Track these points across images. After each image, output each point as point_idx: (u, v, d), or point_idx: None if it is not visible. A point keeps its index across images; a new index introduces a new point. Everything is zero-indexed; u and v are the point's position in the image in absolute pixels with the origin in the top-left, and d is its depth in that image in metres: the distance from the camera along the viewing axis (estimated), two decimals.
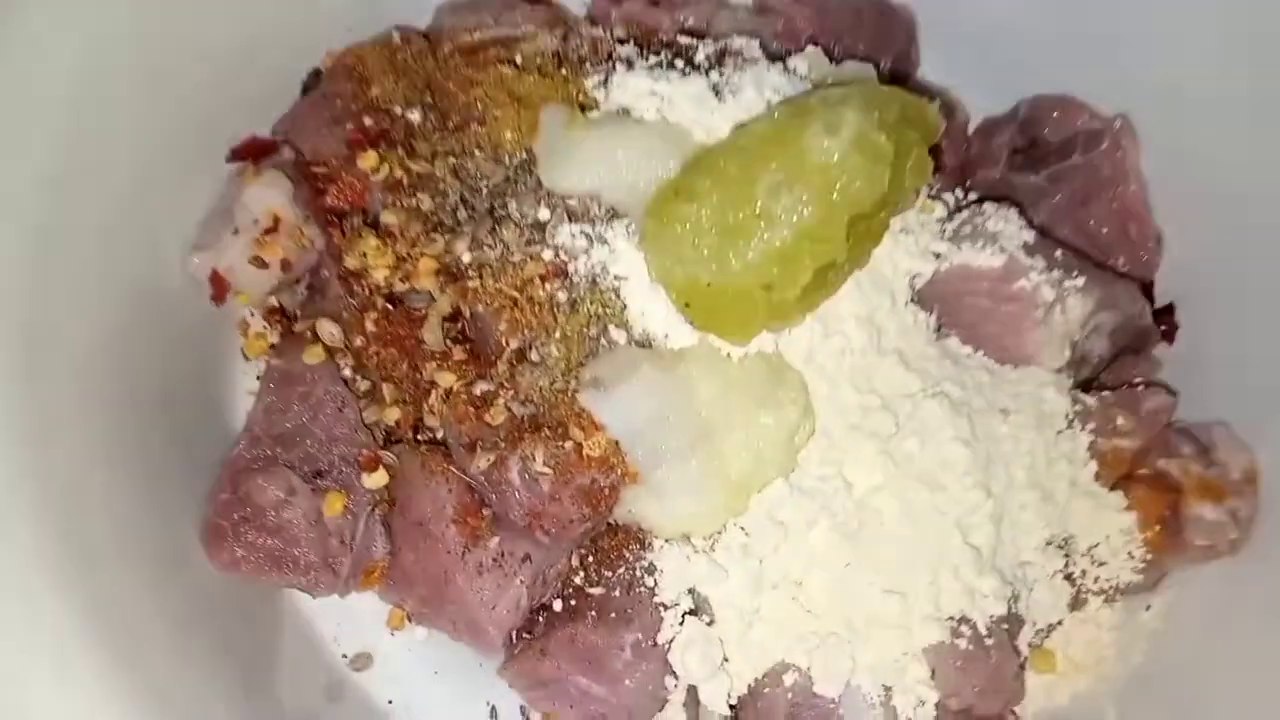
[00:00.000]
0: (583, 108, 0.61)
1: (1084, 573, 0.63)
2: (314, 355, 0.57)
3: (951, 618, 0.56)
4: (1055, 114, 0.72)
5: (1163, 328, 0.69)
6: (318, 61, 0.67)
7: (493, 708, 0.61)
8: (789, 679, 0.56)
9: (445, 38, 0.68)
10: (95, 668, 0.44)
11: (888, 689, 0.55)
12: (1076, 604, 0.63)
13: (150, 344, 0.57)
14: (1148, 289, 0.71)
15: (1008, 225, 0.62)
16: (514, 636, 0.59)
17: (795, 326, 0.57)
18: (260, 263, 0.57)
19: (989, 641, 0.55)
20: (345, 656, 0.61)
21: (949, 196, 0.66)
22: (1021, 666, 0.60)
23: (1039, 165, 0.70)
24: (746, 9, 0.72)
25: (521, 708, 0.61)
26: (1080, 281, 0.62)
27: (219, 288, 0.58)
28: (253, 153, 0.61)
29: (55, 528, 0.45)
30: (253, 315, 0.63)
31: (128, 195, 0.56)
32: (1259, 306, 0.63)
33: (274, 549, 0.55)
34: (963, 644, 0.55)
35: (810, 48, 0.67)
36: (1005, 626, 0.57)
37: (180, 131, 0.59)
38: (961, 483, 0.56)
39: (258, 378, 0.63)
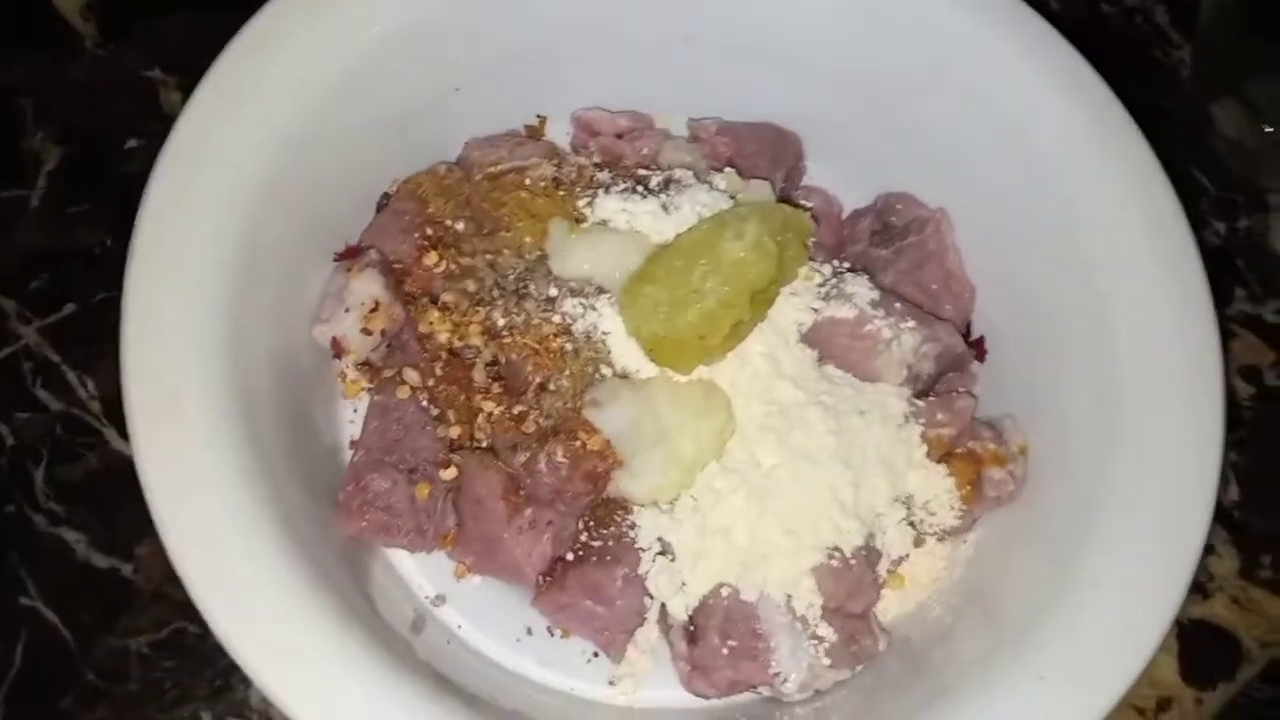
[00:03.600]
0: (577, 220, 0.84)
1: (922, 521, 0.83)
2: (404, 392, 0.80)
3: (827, 547, 0.78)
4: (899, 206, 0.93)
5: (974, 353, 0.91)
6: (388, 187, 0.89)
7: (528, 628, 0.82)
8: (724, 592, 0.77)
9: (475, 168, 0.89)
10: (290, 569, 0.67)
11: (789, 595, 0.77)
12: (918, 542, 0.83)
13: (293, 383, 0.79)
14: (967, 327, 0.93)
15: (859, 288, 0.84)
16: (541, 579, 0.80)
17: (720, 362, 0.80)
18: (368, 332, 0.80)
19: (852, 562, 0.78)
20: (427, 597, 0.83)
21: (827, 267, 0.87)
22: (879, 582, 0.82)
23: (889, 243, 0.92)
24: (685, 138, 0.95)
25: (548, 627, 0.82)
26: (910, 324, 0.84)
27: (337, 349, 0.81)
28: (351, 254, 0.84)
29: (268, 494, 0.68)
30: (349, 367, 0.85)
31: (278, 281, 0.78)
32: (1034, 338, 0.86)
33: (384, 521, 0.77)
34: (835, 564, 0.77)
35: (728, 169, 0.90)
36: (864, 553, 0.79)
37: (307, 240, 0.82)
38: (831, 460, 0.78)
39: (354, 410, 0.86)
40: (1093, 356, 0.82)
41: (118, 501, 0.88)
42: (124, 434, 0.89)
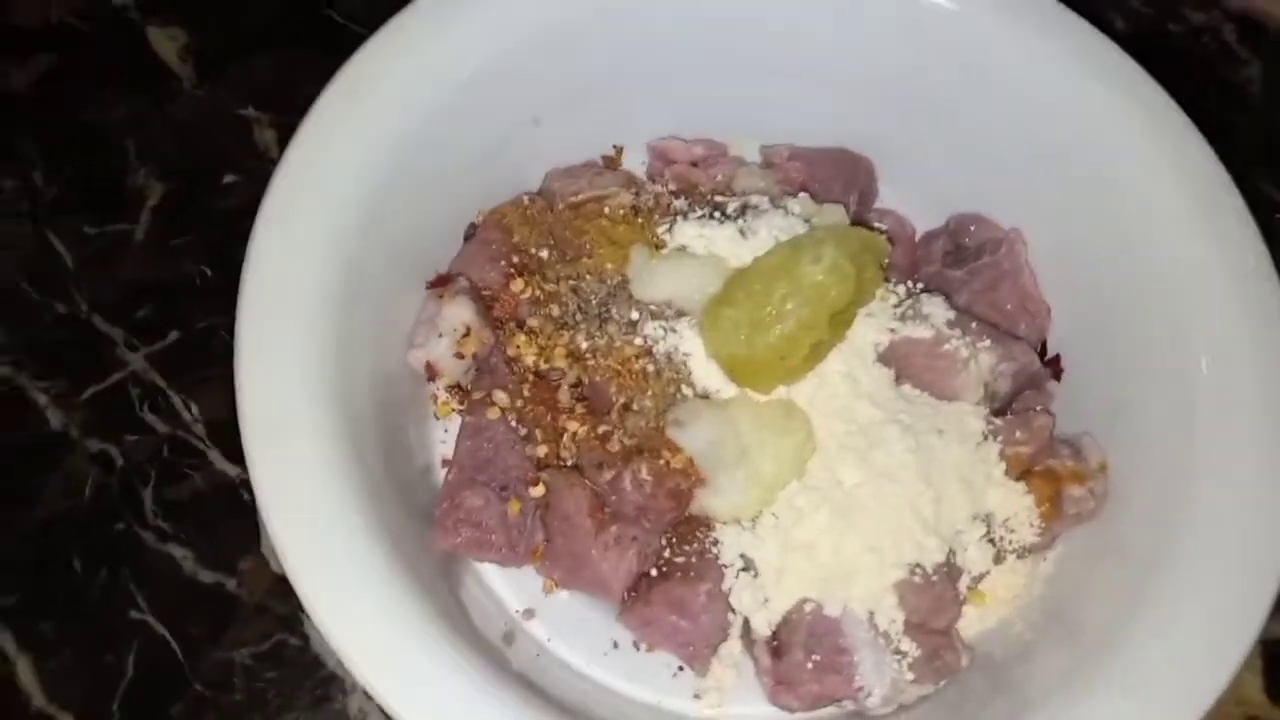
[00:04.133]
0: (656, 246, 0.87)
1: (1002, 538, 0.84)
2: (494, 413, 0.83)
3: (909, 564, 0.79)
4: (972, 227, 0.95)
5: (1050, 371, 0.92)
6: (474, 218, 0.93)
7: (615, 642, 0.85)
8: (808, 608, 0.79)
9: (557, 198, 0.93)
10: (389, 577, 0.70)
11: (871, 611, 0.78)
12: (998, 559, 0.84)
13: (390, 405, 0.83)
14: (1042, 345, 0.94)
15: (935, 309, 0.86)
16: (626, 594, 0.83)
17: (799, 382, 0.82)
18: (460, 356, 0.84)
19: (934, 578, 0.79)
20: (517, 611, 0.85)
21: (901, 288, 0.89)
22: (960, 599, 0.83)
23: (962, 263, 0.94)
24: (758, 164, 0.98)
25: (634, 642, 0.84)
26: (987, 343, 0.85)
27: (431, 372, 0.85)
28: (442, 283, 0.88)
29: (372, 510, 0.71)
30: (440, 390, 0.89)
31: (375, 310, 0.82)
32: (1109, 355, 0.87)
33: (478, 537, 0.80)
34: (917, 579, 0.79)
35: (802, 193, 0.93)
36: (945, 570, 0.80)
37: (402, 269, 0.86)
38: (912, 478, 0.80)
39: (445, 430, 0.90)
40: (1170, 374, 0.83)
41: (221, 519, 0.93)
42: (227, 456, 0.95)
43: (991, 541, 0.85)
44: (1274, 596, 0.74)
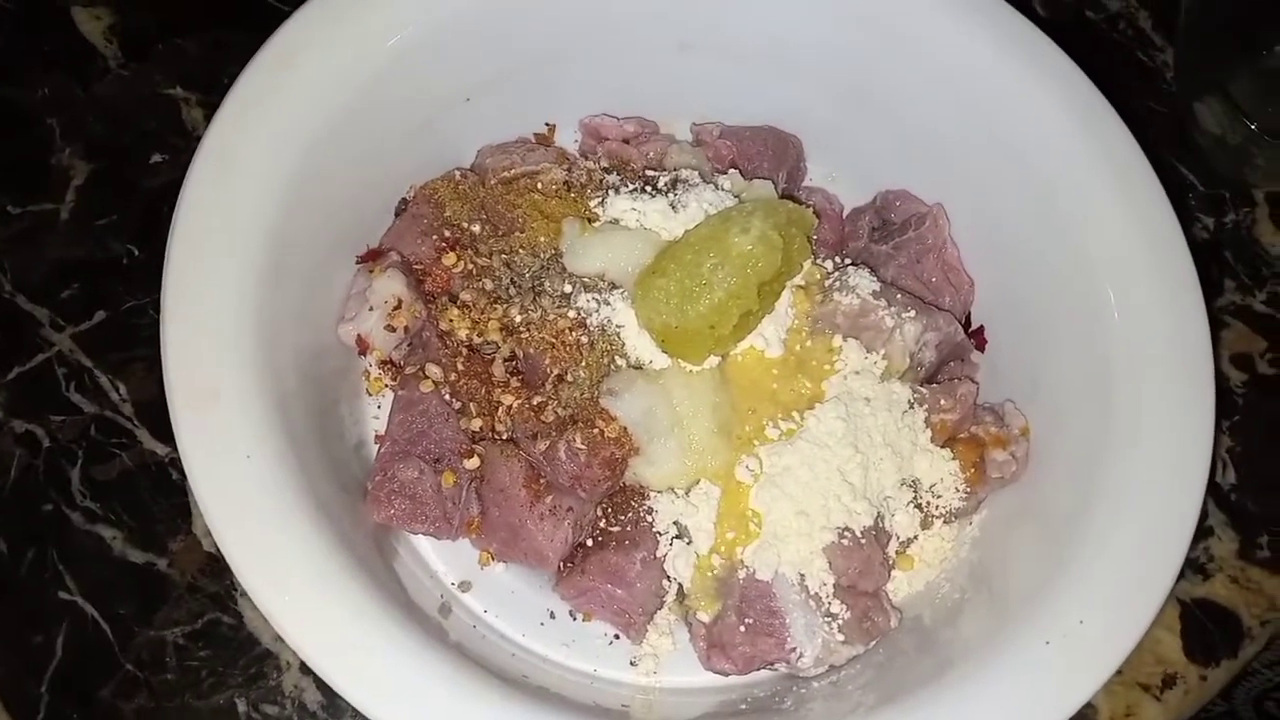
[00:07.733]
0: (589, 220, 0.87)
1: (929, 503, 0.86)
2: (426, 386, 0.83)
3: (838, 528, 0.81)
4: (897, 203, 0.97)
5: (975, 342, 0.95)
6: (405, 193, 0.93)
7: (551, 612, 0.86)
8: (740, 573, 0.81)
9: (489, 173, 0.93)
10: (326, 548, 0.70)
11: (802, 574, 0.80)
12: (925, 524, 0.86)
13: (320, 381, 0.83)
14: (967, 317, 0.97)
15: (862, 280, 0.87)
16: (562, 565, 0.84)
17: (730, 351, 0.84)
18: (391, 329, 0.84)
19: (862, 541, 0.81)
20: (453, 584, 0.85)
21: (829, 262, 0.92)
22: (889, 563, 0.85)
23: (888, 238, 0.96)
24: (689, 143, 0.99)
25: (570, 612, 0.85)
26: (912, 314, 0.87)
27: (362, 346, 0.85)
28: (373, 257, 0.88)
29: (303, 483, 0.71)
30: (372, 366, 0.89)
31: (304, 284, 0.81)
32: (1031, 326, 0.90)
33: (412, 509, 0.80)
34: (846, 543, 0.81)
35: (731, 170, 0.94)
36: (874, 534, 0.82)
37: (332, 244, 0.86)
38: (840, 444, 0.82)
39: (378, 407, 0.90)
40: (1087, 344, 0.86)
41: (151, 499, 0.92)
42: (156, 435, 0.94)
43: (919, 507, 0.87)
44: (1185, 554, 0.77)
